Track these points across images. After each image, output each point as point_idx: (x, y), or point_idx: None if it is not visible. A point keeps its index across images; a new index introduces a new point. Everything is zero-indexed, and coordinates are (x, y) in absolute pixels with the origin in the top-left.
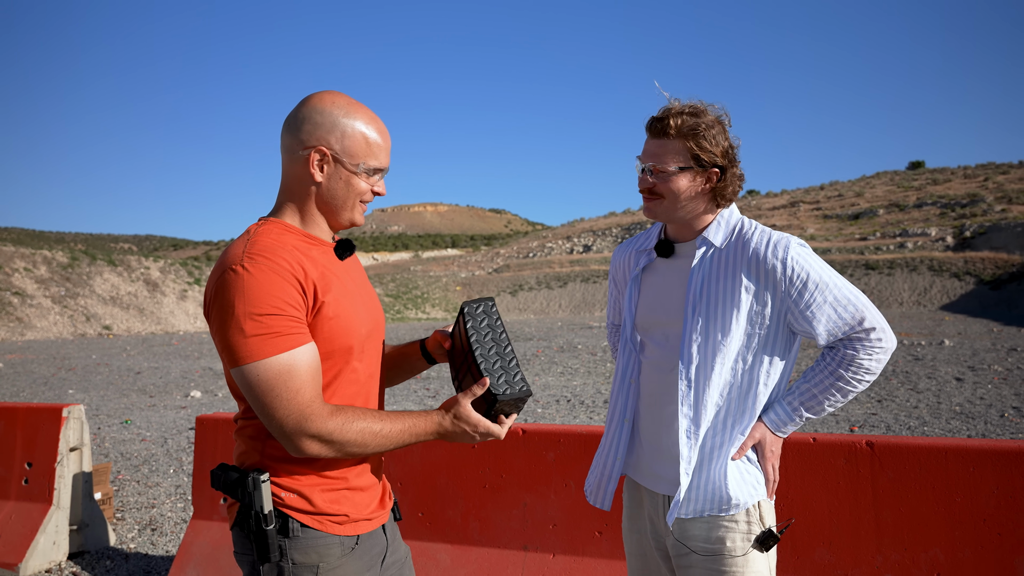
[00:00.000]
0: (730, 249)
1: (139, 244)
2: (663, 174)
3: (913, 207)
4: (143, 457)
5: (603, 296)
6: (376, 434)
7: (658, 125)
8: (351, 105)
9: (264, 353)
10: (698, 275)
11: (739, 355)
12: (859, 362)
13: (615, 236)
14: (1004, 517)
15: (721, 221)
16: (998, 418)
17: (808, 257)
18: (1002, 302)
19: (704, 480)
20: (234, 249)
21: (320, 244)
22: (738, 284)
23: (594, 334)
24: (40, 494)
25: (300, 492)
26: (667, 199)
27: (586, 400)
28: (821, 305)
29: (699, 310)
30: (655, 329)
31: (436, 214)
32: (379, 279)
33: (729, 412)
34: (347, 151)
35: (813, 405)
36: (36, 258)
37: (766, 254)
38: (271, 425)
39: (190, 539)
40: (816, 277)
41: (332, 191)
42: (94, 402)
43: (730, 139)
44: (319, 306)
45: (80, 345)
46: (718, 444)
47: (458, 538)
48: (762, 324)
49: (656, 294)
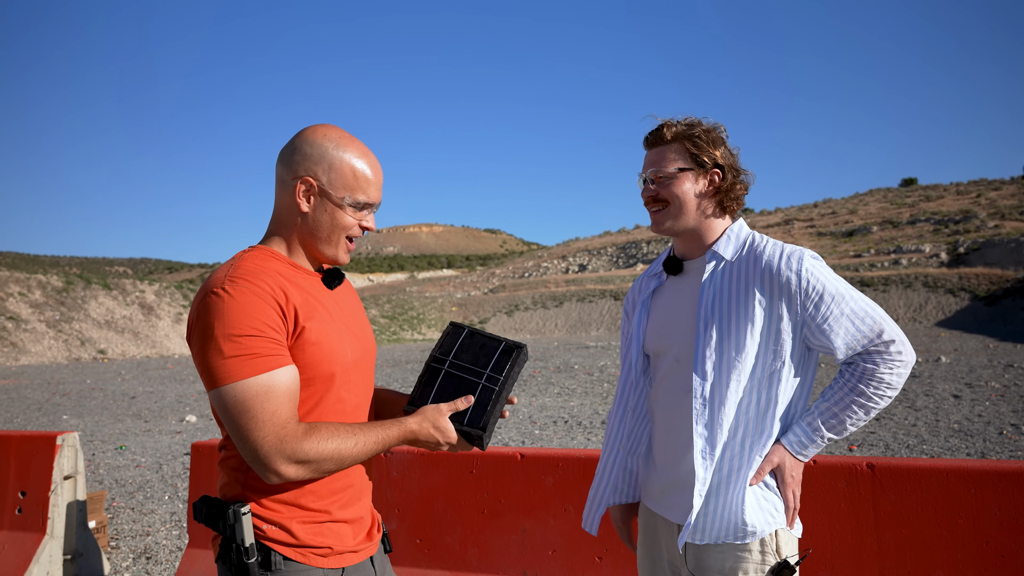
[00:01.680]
0: (741, 263)
1: (134, 267)
2: (664, 179)
3: (907, 224)
4: (138, 483)
5: (599, 315)
6: (351, 449)
7: (653, 136)
8: (343, 139)
9: (242, 374)
10: (709, 290)
11: (754, 372)
12: (880, 376)
13: (610, 255)
14: (1007, 539)
15: (731, 235)
16: (997, 435)
17: (822, 269)
18: (997, 318)
19: (721, 505)
20: (217, 273)
21: (306, 272)
22: (751, 298)
23: (591, 354)
24: (34, 523)
25: (282, 524)
26: (672, 204)
27: (583, 421)
28: (838, 318)
29: (711, 326)
30: (666, 351)
31: (431, 235)
32: (375, 300)
33: (747, 433)
34: (333, 183)
35: (834, 424)
36: (31, 282)
37: (780, 266)
38: (245, 448)
39: (185, 568)
40: (832, 289)
41: (317, 222)
42: (88, 427)
43: (728, 146)
44: (300, 331)
45: (75, 370)
46: (735, 467)
47: (456, 564)
48: (777, 339)
49: (666, 315)
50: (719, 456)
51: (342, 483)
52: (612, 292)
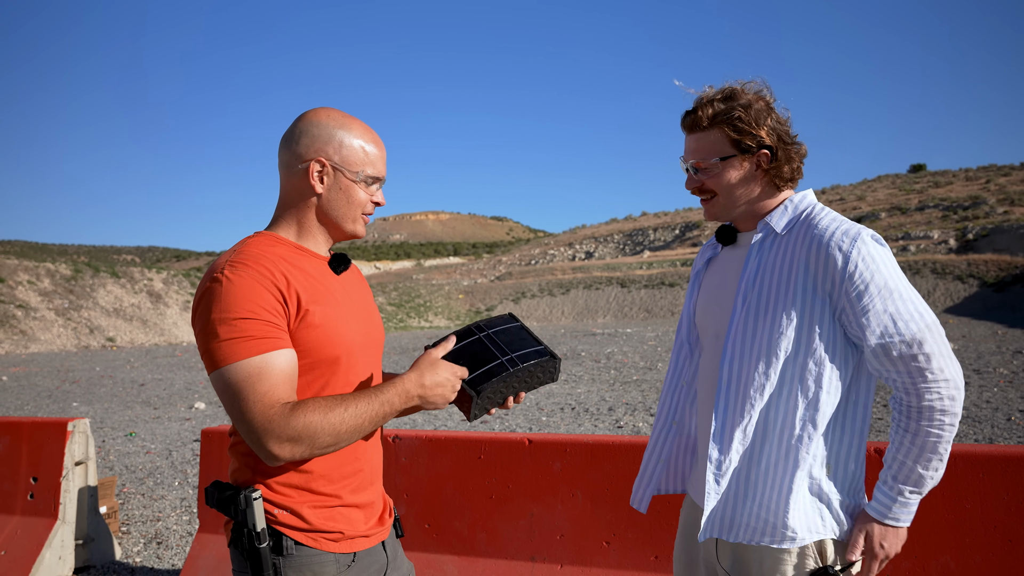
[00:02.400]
0: (792, 236)
1: (142, 256)
2: (707, 170)
3: (915, 210)
4: (148, 470)
5: (606, 303)
6: (343, 416)
7: (690, 119)
8: (345, 118)
9: (236, 356)
10: (753, 263)
11: (792, 355)
12: (923, 407)
13: (617, 243)
14: (1014, 523)
15: (788, 206)
16: (1005, 421)
17: (878, 255)
18: (1006, 304)
19: (757, 503)
20: (220, 259)
21: (312, 256)
22: (795, 274)
23: (597, 341)
24: (45, 509)
25: (293, 510)
26: (720, 195)
27: (590, 408)
28: (879, 314)
29: (750, 300)
30: (710, 325)
31: (438, 222)
32: (381, 288)
33: (786, 423)
34: (346, 161)
35: (909, 475)
36: (39, 271)
37: (829, 242)
38: (242, 430)
39: (196, 553)
40: (881, 281)
41: (333, 201)
42: (98, 415)
43: (776, 114)
44: (303, 314)
45: (84, 357)
46: (773, 463)
47: (465, 549)
48: (821, 322)
49: (714, 288)
50: (747, 444)
51: (352, 467)
52: (619, 279)
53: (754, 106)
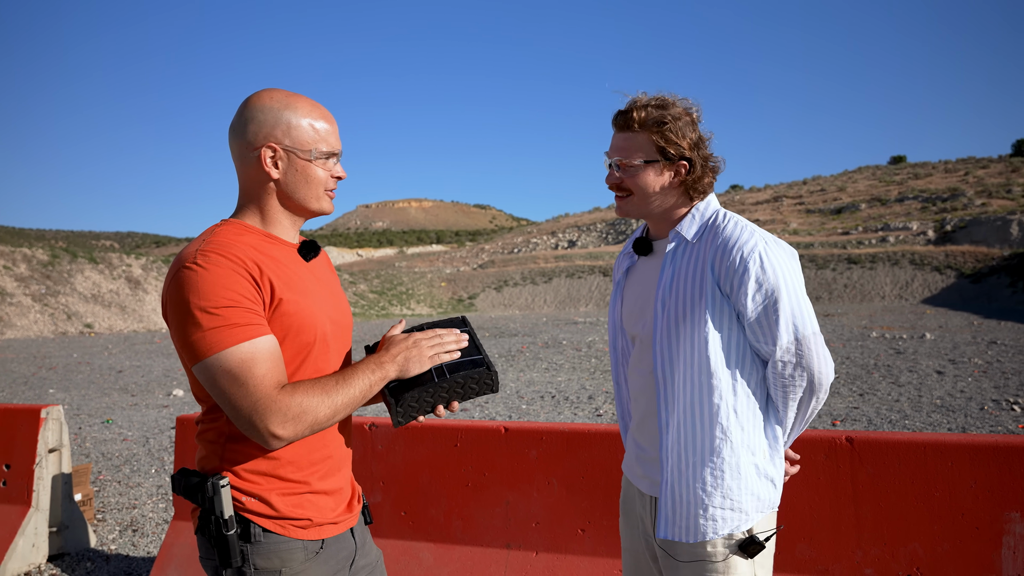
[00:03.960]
0: (703, 243)
1: (121, 241)
2: (629, 168)
3: (895, 201)
4: (124, 457)
5: (588, 292)
6: (335, 389)
7: (622, 119)
8: (289, 97)
9: (224, 344)
10: (668, 270)
11: (712, 357)
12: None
13: (600, 232)
14: (982, 511)
15: (696, 214)
16: (978, 411)
17: (776, 259)
18: (982, 295)
19: (685, 500)
20: (189, 248)
21: (281, 244)
22: (706, 279)
23: (579, 330)
24: (19, 496)
25: (261, 497)
26: (636, 194)
27: (571, 396)
28: (771, 314)
29: (668, 307)
30: (636, 330)
31: (421, 210)
32: (364, 275)
33: (712, 421)
34: (297, 142)
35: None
36: (16, 256)
37: (731, 247)
38: (238, 417)
39: (171, 540)
40: (775, 282)
41: (292, 184)
42: (75, 401)
43: (700, 132)
44: (276, 302)
45: (61, 344)
46: (699, 460)
47: (441, 537)
48: (732, 324)
49: (636, 295)
50: (682, 440)
51: (321, 454)
52: (601, 268)
53: (682, 119)
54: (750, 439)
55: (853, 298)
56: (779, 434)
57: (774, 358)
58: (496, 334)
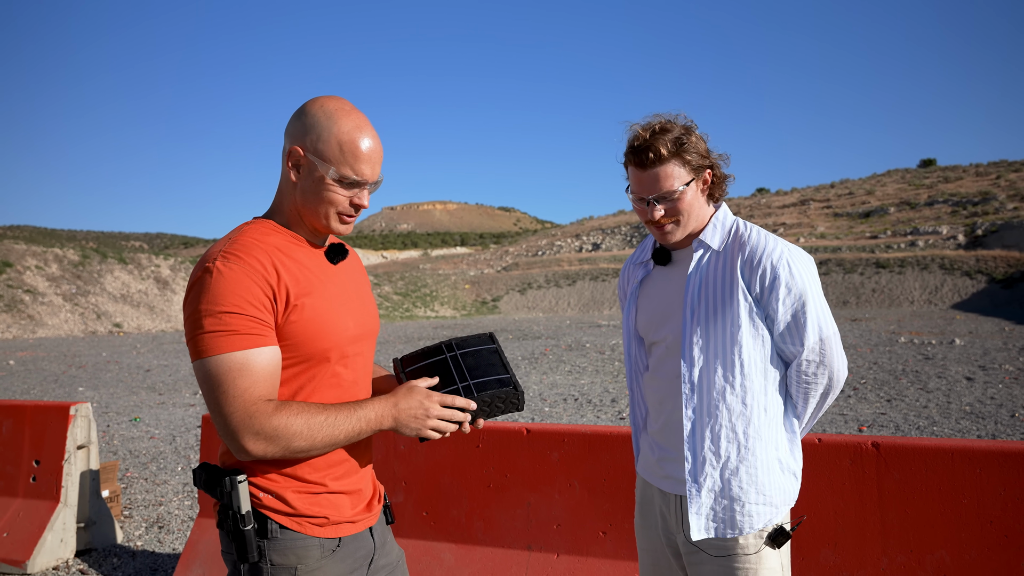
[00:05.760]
0: (727, 251)
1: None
2: (672, 198)
3: (924, 205)
4: (151, 455)
5: (612, 294)
6: (321, 426)
7: (646, 156)
8: (338, 111)
9: (218, 349)
10: (695, 279)
11: (742, 359)
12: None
13: (624, 234)
14: (1010, 519)
15: (716, 223)
16: (1008, 418)
17: (801, 267)
18: (1014, 300)
19: (721, 498)
20: (215, 247)
21: (307, 246)
22: (736, 286)
23: (603, 332)
24: (48, 492)
25: (278, 494)
26: (683, 217)
27: (593, 399)
28: (797, 317)
29: (698, 315)
30: (657, 337)
31: (445, 212)
32: (388, 277)
33: (745, 421)
34: (320, 155)
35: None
36: (47, 256)
37: (760, 255)
38: (217, 422)
39: (196, 537)
40: (801, 287)
41: (306, 193)
42: (104, 399)
43: (702, 138)
44: (292, 308)
45: (91, 343)
46: (735, 459)
47: (462, 537)
48: (760, 327)
49: (655, 304)
50: (715, 442)
51: (339, 456)
52: None
53: (691, 132)
54: (776, 435)
55: (881, 303)
56: (796, 429)
57: (800, 357)
58: (519, 336)
